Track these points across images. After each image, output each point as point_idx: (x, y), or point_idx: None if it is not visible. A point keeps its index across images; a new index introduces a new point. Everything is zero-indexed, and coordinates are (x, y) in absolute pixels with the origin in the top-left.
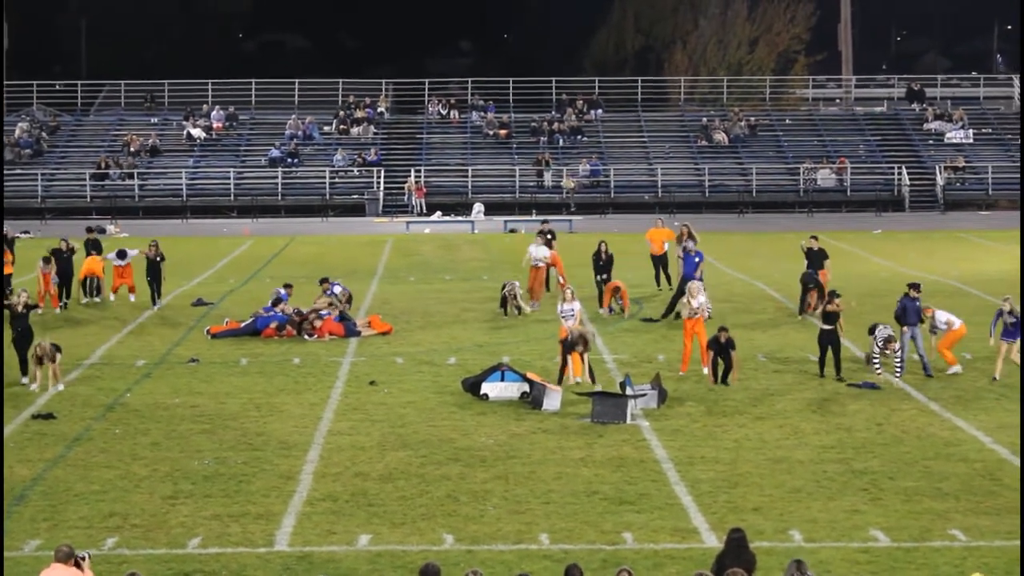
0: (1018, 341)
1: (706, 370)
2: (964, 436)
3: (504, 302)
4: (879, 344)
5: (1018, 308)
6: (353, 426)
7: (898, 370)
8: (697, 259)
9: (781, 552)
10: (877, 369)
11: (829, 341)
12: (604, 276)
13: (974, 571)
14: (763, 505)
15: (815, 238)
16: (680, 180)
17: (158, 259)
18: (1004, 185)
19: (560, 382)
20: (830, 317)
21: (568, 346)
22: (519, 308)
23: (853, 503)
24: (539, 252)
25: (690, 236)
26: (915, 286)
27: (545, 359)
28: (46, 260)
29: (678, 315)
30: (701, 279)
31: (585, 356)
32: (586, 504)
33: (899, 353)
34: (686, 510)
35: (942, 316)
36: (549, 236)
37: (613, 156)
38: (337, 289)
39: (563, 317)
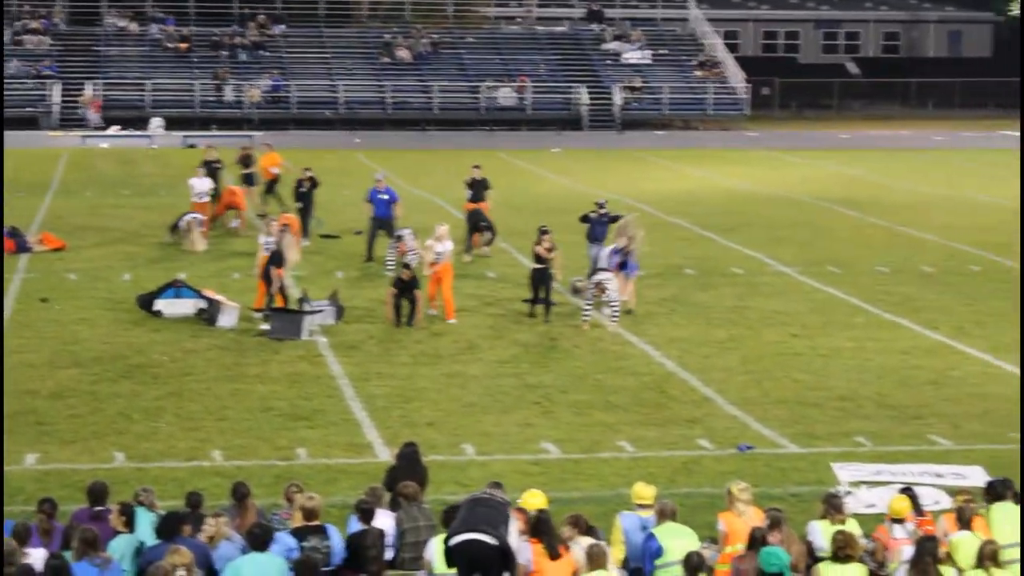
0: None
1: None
2: (634, 350)
3: (175, 228)
4: (591, 289)
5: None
6: (23, 344)
7: (614, 316)
8: (387, 196)
9: (454, 465)
10: (586, 314)
11: (541, 280)
12: (301, 205)
13: (639, 480)
14: (437, 420)
15: (477, 167)
16: (363, 97)
17: None
18: (679, 105)
19: (260, 307)
20: (540, 256)
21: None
22: (193, 242)
23: (526, 417)
24: (202, 185)
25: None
26: (600, 204)
27: (222, 276)
28: None
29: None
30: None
31: (282, 273)
32: (261, 420)
33: (611, 296)
34: (360, 425)
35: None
36: (216, 166)
37: (295, 72)
38: None
39: (265, 248)
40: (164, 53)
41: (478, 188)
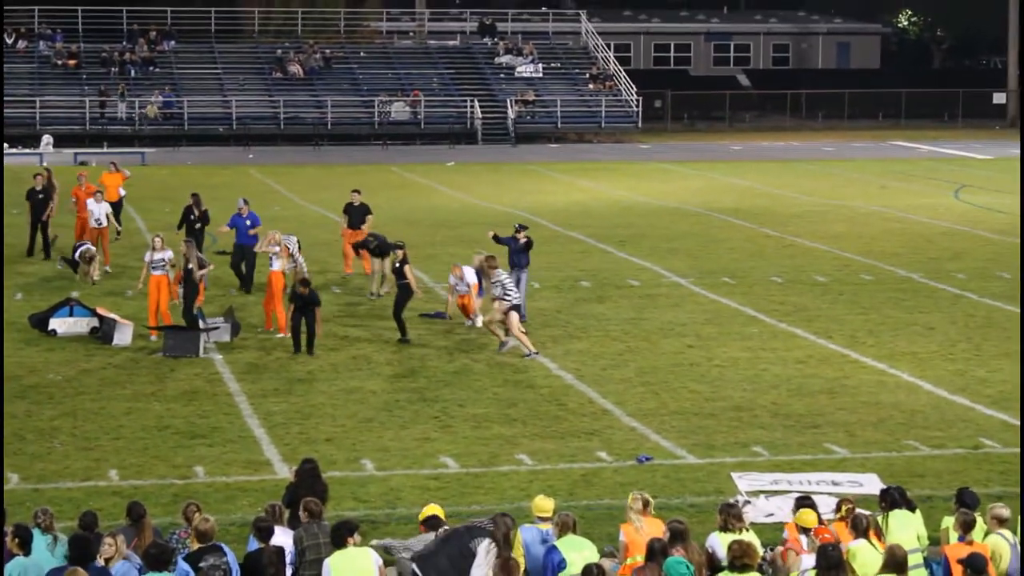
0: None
1: (282, 334)
2: (531, 363)
3: (76, 265)
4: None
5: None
6: None
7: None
8: (249, 222)
9: (353, 481)
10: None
11: (403, 297)
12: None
13: (539, 493)
14: (335, 435)
15: (357, 192)
16: (255, 112)
17: None
18: (572, 118)
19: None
20: (399, 271)
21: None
22: (91, 278)
23: (424, 431)
24: (100, 209)
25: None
26: (520, 227)
27: (116, 294)
28: None
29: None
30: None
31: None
32: (157, 439)
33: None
34: (259, 442)
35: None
36: (40, 195)
37: (187, 88)
38: None
39: (153, 267)
40: (53, 70)
41: (356, 214)
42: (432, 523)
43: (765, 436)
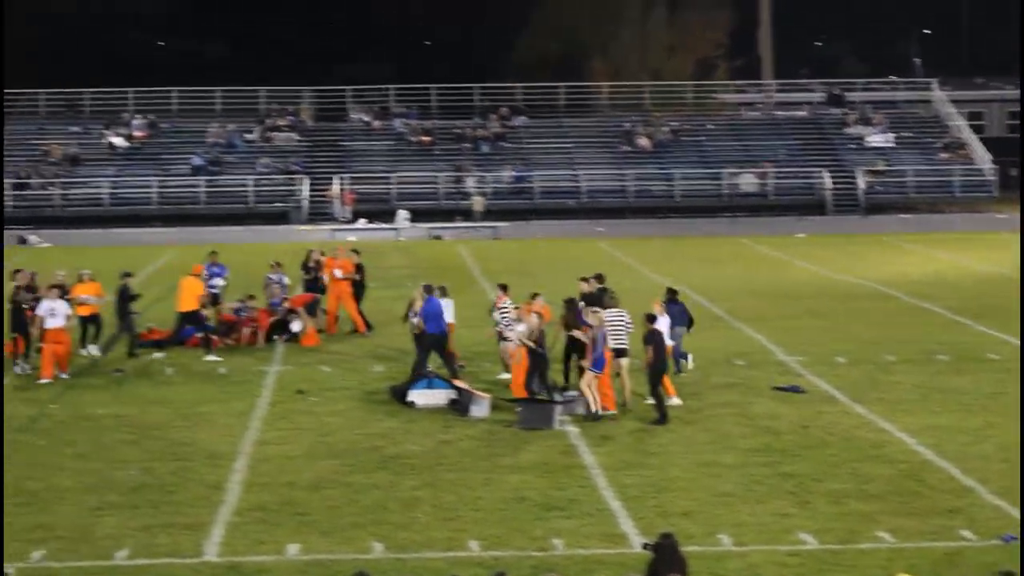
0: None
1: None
2: (889, 438)
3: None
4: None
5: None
6: (281, 435)
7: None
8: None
9: (711, 556)
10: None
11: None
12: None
13: (900, 572)
14: (692, 510)
15: (599, 277)
16: (603, 186)
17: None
18: (924, 188)
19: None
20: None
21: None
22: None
23: (781, 506)
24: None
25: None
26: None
27: (474, 366)
28: None
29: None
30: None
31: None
32: (515, 510)
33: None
34: (615, 515)
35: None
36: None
37: (536, 162)
38: (274, 277)
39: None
40: (408, 146)
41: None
42: None
43: None
